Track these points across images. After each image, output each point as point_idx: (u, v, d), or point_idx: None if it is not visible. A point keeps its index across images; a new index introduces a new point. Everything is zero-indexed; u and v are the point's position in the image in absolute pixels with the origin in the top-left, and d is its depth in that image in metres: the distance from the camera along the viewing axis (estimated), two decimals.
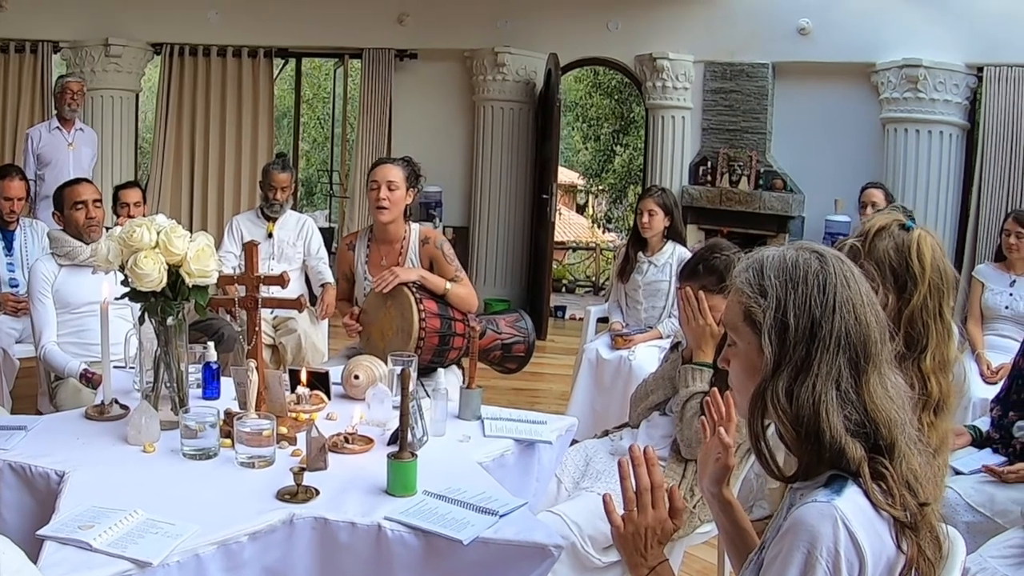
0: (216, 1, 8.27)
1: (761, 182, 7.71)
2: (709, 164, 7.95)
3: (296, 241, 5.38)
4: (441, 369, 3.01)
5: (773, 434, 1.61)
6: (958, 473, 3.27)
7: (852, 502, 1.46)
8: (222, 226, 6.84)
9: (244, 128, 8.45)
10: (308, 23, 8.28)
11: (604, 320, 5.41)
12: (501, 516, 2.14)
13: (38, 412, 3.90)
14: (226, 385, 3.03)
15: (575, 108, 18.48)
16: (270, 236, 5.32)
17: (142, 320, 2.72)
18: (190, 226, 7.87)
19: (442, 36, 8.31)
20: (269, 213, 5.38)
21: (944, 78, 6.95)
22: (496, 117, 8.35)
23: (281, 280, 2.74)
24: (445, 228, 8.25)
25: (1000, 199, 6.87)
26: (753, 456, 1.94)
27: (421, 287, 3.75)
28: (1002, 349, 4.81)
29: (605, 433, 3.34)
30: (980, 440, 3.48)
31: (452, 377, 3.71)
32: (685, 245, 5.11)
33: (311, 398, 2.89)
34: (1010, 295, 5.03)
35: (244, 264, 2.82)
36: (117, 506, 2.10)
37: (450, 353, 3.74)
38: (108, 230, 3.51)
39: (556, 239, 9.82)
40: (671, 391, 3.06)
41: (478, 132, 8.43)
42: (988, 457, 3.35)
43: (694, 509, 2.87)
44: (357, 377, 3.05)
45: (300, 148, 10.70)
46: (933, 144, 7.04)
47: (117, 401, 2.85)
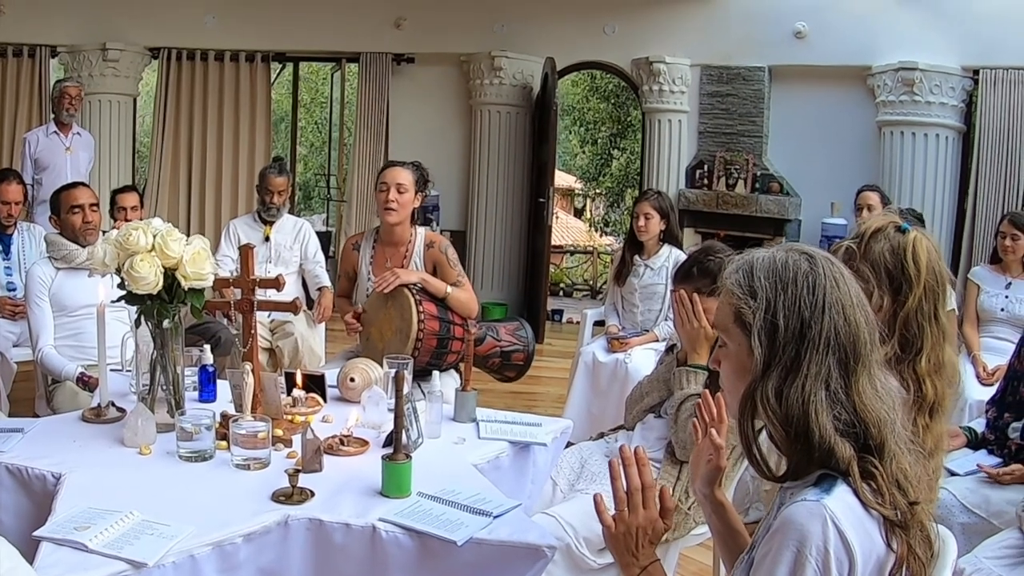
0: (213, 5, 8.28)
1: (758, 185, 7.72)
2: (706, 167, 7.96)
3: (293, 245, 5.40)
4: (437, 372, 3.01)
5: (767, 438, 1.62)
6: (953, 474, 3.28)
7: (842, 501, 1.47)
8: (220, 230, 6.85)
9: (241, 132, 8.46)
10: (305, 27, 8.29)
11: (601, 323, 5.42)
12: (495, 517, 2.14)
13: (35, 415, 3.90)
14: (222, 388, 3.04)
15: (572, 112, 18.51)
16: (267, 240, 5.33)
17: (138, 323, 2.73)
18: (188, 230, 7.91)
19: (439, 40, 8.32)
20: (266, 217, 5.39)
21: (940, 81, 6.96)
22: (493, 121, 8.36)
23: (276, 283, 2.74)
24: (442, 232, 8.24)
25: (996, 201, 6.88)
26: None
27: (422, 290, 3.77)
28: (998, 351, 4.81)
29: (600, 435, 3.35)
30: (975, 442, 3.49)
31: (450, 380, 3.72)
32: (681, 248, 5.12)
33: (307, 401, 2.90)
34: (1006, 297, 5.04)
35: (240, 267, 2.82)
36: (113, 508, 2.11)
37: (448, 356, 3.75)
38: (105, 234, 3.52)
39: (554, 243, 9.84)
40: (666, 393, 3.07)
41: (475, 136, 8.43)
42: (983, 459, 3.36)
43: (689, 511, 2.88)
44: (353, 380, 3.06)
45: (298, 152, 10.71)
46: (929, 147, 7.05)
47: (114, 404, 2.85)
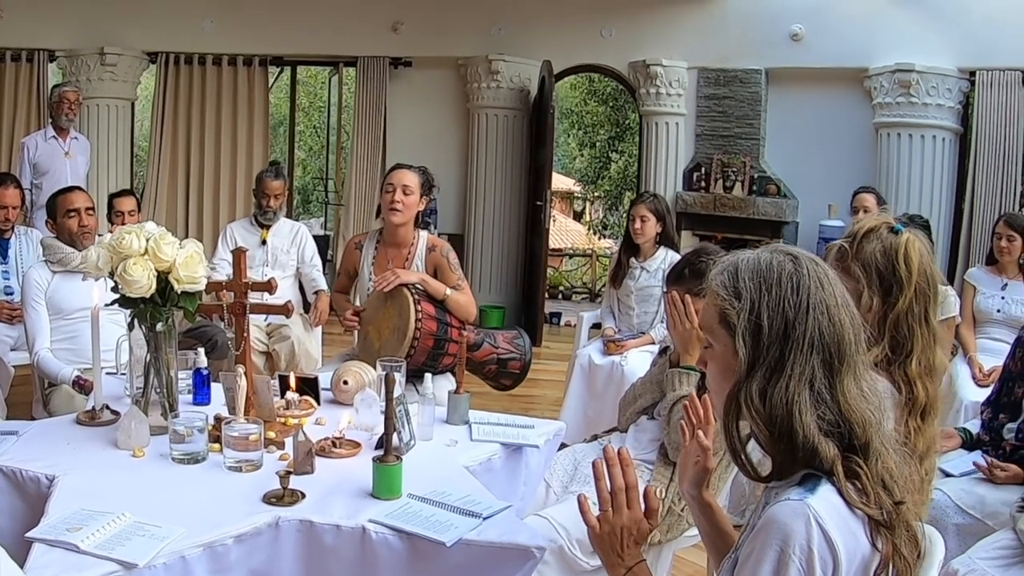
0: (211, 10, 8.30)
1: (755, 188, 7.73)
2: (703, 170, 7.97)
3: (290, 248, 5.41)
4: (429, 374, 3.02)
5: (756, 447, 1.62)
6: (948, 475, 3.28)
7: (826, 500, 1.48)
8: (218, 234, 6.86)
9: (239, 136, 8.47)
10: (303, 31, 8.31)
11: (598, 326, 5.43)
12: (485, 518, 2.15)
13: (32, 419, 3.91)
14: (217, 391, 3.06)
15: (571, 115, 18.52)
16: (264, 243, 5.34)
17: (131, 326, 2.74)
18: (185, 234, 7.93)
19: (436, 44, 8.34)
20: (263, 220, 5.40)
21: (937, 82, 6.98)
22: (490, 124, 8.37)
23: (268, 286, 2.76)
24: (440, 235, 8.25)
25: (993, 203, 6.89)
26: None
27: (422, 291, 3.79)
28: (994, 352, 4.81)
29: (594, 437, 3.36)
30: (970, 442, 3.49)
31: (446, 383, 3.73)
32: (678, 251, 5.13)
33: (300, 403, 2.90)
34: (1002, 298, 5.04)
35: (233, 270, 2.84)
36: (106, 509, 2.12)
37: (444, 359, 3.76)
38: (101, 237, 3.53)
39: (552, 246, 9.84)
40: (659, 395, 3.07)
41: (472, 139, 8.44)
42: (978, 459, 3.35)
43: (682, 512, 2.88)
44: (346, 382, 3.07)
45: (296, 157, 10.71)
46: (926, 148, 7.07)
47: (108, 407, 2.87)
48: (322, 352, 5.32)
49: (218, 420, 2.66)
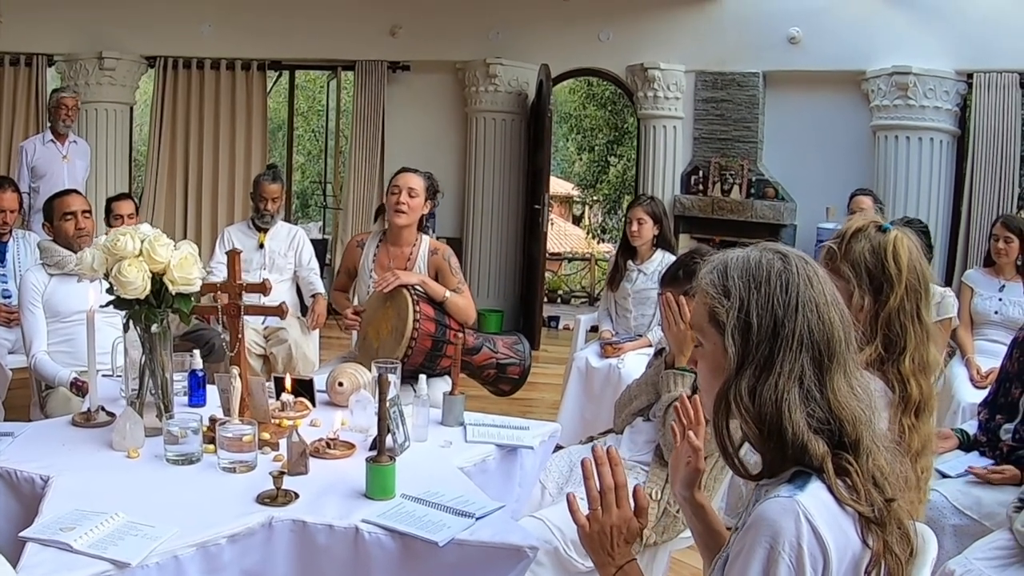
0: (210, 14, 8.32)
1: (753, 191, 7.74)
2: (701, 173, 7.98)
3: (287, 252, 5.41)
4: (424, 376, 3.02)
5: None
6: (945, 476, 3.28)
7: (815, 497, 1.47)
8: (216, 238, 6.86)
9: (238, 140, 8.49)
10: (301, 36, 8.33)
11: (595, 329, 5.43)
12: (478, 518, 2.15)
13: (29, 421, 3.91)
14: (212, 393, 3.05)
15: (570, 119, 18.53)
16: (261, 247, 5.35)
17: (126, 328, 2.74)
18: (184, 238, 7.89)
19: (434, 48, 8.36)
20: (260, 224, 5.41)
21: (934, 85, 6.99)
22: (488, 128, 8.38)
23: (263, 287, 2.76)
24: (438, 239, 8.25)
25: (991, 204, 6.90)
26: None
27: (421, 292, 3.82)
28: (992, 354, 4.79)
29: (590, 439, 3.36)
30: (967, 443, 3.49)
31: (441, 384, 3.73)
32: (675, 253, 5.12)
33: (295, 405, 2.91)
34: (999, 300, 5.03)
35: (228, 272, 2.84)
36: (99, 509, 2.12)
37: (442, 360, 3.76)
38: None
39: (552, 250, 9.84)
40: (654, 397, 3.07)
41: (470, 143, 8.46)
42: (975, 460, 3.35)
43: (678, 514, 2.88)
44: (341, 384, 3.07)
45: (295, 161, 10.72)
46: (924, 151, 7.08)
47: (104, 408, 2.87)
48: (320, 355, 5.32)
49: (213, 421, 2.67)
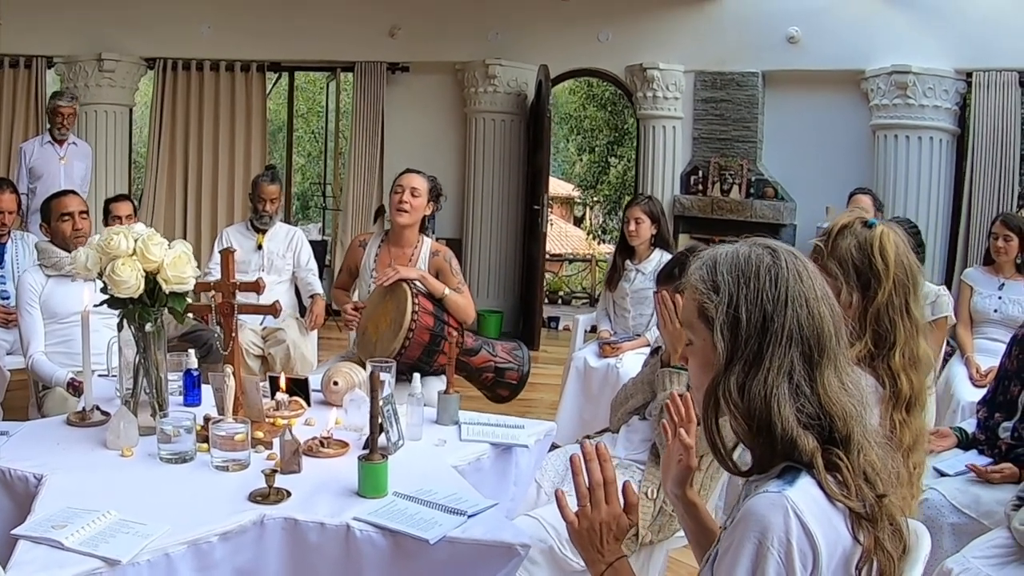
0: (209, 16, 8.32)
1: (752, 191, 7.74)
2: (700, 173, 7.98)
3: (286, 253, 5.41)
4: (418, 375, 3.01)
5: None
6: (943, 475, 3.27)
7: (805, 493, 1.46)
8: (215, 239, 6.87)
9: (237, 142, 8.49)
10: (300, 37, 8.33)
11: (594, 329, 5.42)
12: (470, 516, 2.15)
13: (27, 421, 3.91)
14: (207, 393, 3.05)
15: (570, 120, 18.53)
16: (260, 248, 5.35)
17: (120, 327, 2.74)
18: (184, 239, 7.89)
19: (433, 49, 8.35)
20: (258, 225, 5.41)
21: (933, 84, 6.98)
22: (488, 129, 8.38)
23: (256, 286, 2.76)
24: (437, 240, 8.26)
25: (991, 203, 6.89)
26: None
27: (421, 287, 3.85)
28: (991, 352, 4.77)
29: (587, 438, 3.34)
30: (966, 442, 3.48)
31: (439, 384, 3.73)
32: (672, 253, 5.11)
33: (290, 404, 2.91)
34: (999, 298, 5.02)
35: (221, 271, 2.84)
36: (92, 507, 2.12)
37: (439, 356, 3.77)
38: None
39: (552, 251, 9.83)
40: (651, 395, 3.07)
41: (470, 144, 8.46)
42: (974, 459, 3.33)
43: (673, 512, 2.87)
44: (336, 383, 3.06)
45: (295, 162, 10.72)
46: (923, 150, 7.07)
47: (99, 408, 2.87)
48: (318, 356, 5.32)
49: (207, 420, 2.66)
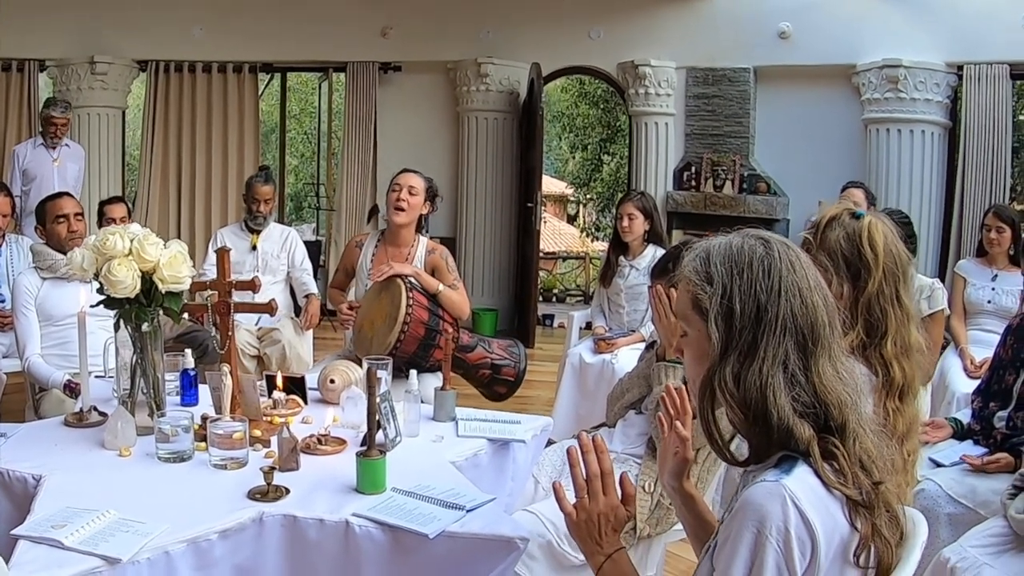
0: (201, 17, 8.31)
1: (745, 186, 7.74)
2: (693, 169, 7.98)
3: (280, 253, 5.42)
4: (415, 371, 3.02)
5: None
6: (939, 465, 3.28)
7: (802, 481, 1.47)
8: (209, 240, 6.86)
9: (230, 143, 8.48)
10: (292, 38, 8.32)
11: (589, 325, 5.43)
12: (468, 511, 2.16)
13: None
14: (204, 393, 3.06)
15: (562, 118, 18.53)
16: (254, 249, 5.35)
17: (117, 327, 2.75)
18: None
19: (425, 48, 8.35)
20: (253, 226, 5.41)
21: (924, 77, 6.99)
22: (480, 127, 8.38)
23: (252, 285, 2.76)
24: (431, 238, 8.25)
25: (983, 195, 6.89)
26: None
27: (415, 283, 3.86)
28: (986, 344, 4.79)
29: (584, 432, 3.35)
30: (961, 432, 3.49)
31: (435, 381, 3.74)
32: (666, 248, 5.12)
33: (287, 402, 2.91)
34: (992, 290, 5.05)
35: (217, 270, 2.84)
36: (91, 507, 2.12)
37: (435, 351, 3.78)
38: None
39: (546, 249, 9.83)
40: (647, 389, 3.08)
41: (463, 143, 8.46)
42: (969, 449, 3.35)
43: (671, 506, 2.88)
44: (333, 381, 3.07)
45: (288, 163, 10.71)
46: (915, 143, 7.08)
47: (96, 408, 2.87)
48: (313, 355, 5.33)
49: (205, 419, 2.67)
